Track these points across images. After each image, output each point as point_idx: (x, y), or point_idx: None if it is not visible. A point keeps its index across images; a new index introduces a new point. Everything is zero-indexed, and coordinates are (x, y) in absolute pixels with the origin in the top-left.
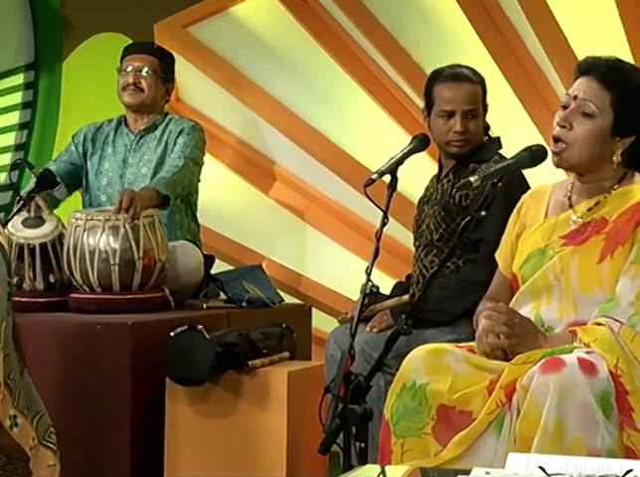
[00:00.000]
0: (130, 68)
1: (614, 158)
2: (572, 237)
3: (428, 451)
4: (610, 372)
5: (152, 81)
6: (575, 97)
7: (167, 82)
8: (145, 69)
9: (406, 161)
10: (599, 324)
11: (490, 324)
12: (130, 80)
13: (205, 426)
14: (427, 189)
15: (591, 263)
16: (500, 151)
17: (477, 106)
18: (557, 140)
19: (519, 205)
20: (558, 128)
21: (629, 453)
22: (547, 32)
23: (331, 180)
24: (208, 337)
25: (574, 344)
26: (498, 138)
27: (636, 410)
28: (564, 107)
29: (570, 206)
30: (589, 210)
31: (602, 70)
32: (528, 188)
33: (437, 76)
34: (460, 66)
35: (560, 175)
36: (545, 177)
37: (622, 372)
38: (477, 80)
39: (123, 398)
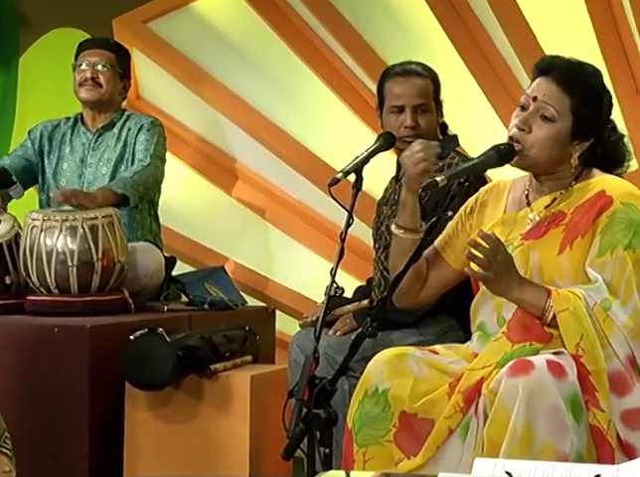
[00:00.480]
0: (87, 63)
1: (572, 161)
2: (531, 232)
3: (391, 460)
4: (572, 354)
5: (110, 77)
6: (535, 99)
7: (124, 78)
8: (102, 64)
9: (372, 160)
10: (576, 293)
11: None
12: (88, 76)
13: (165, 432)
14: (386, 190)
15: (552, 255)
16: (458, 149)
17: (428, 101)
18: (515, 141)
19: (476, 196)
20: (515, 130)
21: (596, 433)
22: (515, 30)
23: (295, 179)
24: (168, 340)
25: (546, 303)
26: (455, 136)
27: (599, 390)
28: (523, 108)
29: (528, 204)
30: (547, 207)
31: (563, 71)
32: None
33: (387, 72)
34: (411, 62)
35: (519, 171)
36: (504, 172)
37: (583, 352)
38: (427, 75)
39: (81, 403)
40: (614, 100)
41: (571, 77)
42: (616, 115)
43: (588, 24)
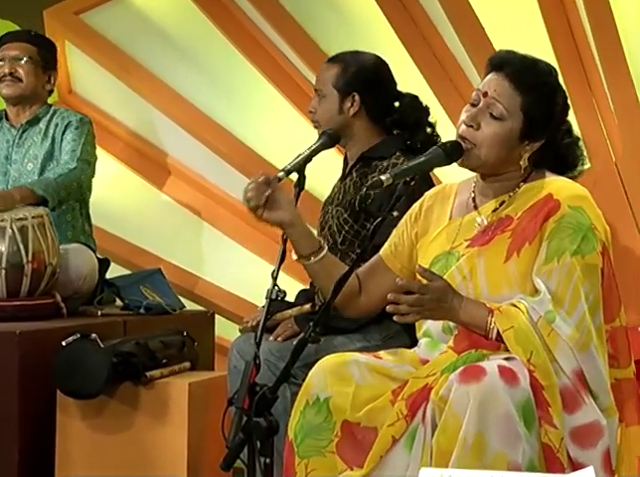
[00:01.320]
0: (5, 58)
1: (521, 162)
2: (477, 238)
3: (334, 471)
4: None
5: (30, 70)
6: (485, 94)
7: (48, 71)
8: (22, 57)
9: (316, 158)
10: (519, 308)
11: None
12: (6, 71)
13: (99, 442)
14: (333, 188)
15: (498, 263)
16: (403, 148)
17: (324, 87)
18: (462, 139)
19: (420, 202)
20: (464, 127)
21: (547, 451)
22: (465, 25)
23: (234, 178)
24: (102, 346)
25: (488, 323)
26: (401, 134)
27: (553, 406)
28: (473, 104)
29: (475, 207)
30: (494, 211)
31: (516, 68)
32: (433, 185)
33: None
34: (348, 51)
35: (466, 172)
36: (452, 172)
37: (534, 366)
38: (340, 61)
39: (10, 412)
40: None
41: (524, 74)
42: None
43: (540, 20)
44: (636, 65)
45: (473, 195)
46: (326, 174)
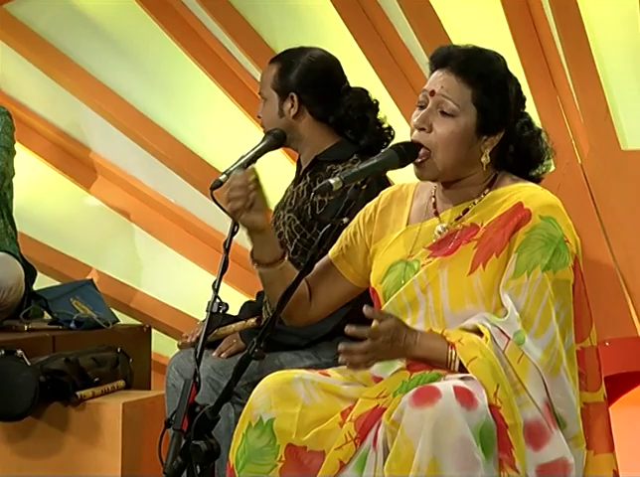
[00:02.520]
0: None
1: (483, 159)
2: (439, 247)
3: None
4: (489, 404)
5: None
6: (432, 93)
7: None
8: None
9: (263, 160)
10: (481, 332)
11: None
12: None
13: (26, 467)
14: (286, 192)
15: (462, 275)
16: (361, 151)
17: (263, 90)
18: (418, 145)
19: (375, 202)
20: (416, 132)
21: None
22: (421, 18)
23: (172, 180)
24: (29, 364)
25: (448, 357)
26: (358, 136)
27: (516, 447)
28: (422, 107)
29: (436, 213)
30: (457, 219)
31: (460, 60)
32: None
33: None
34: (288, 49)
35: None
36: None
37: (501, 402)
38: (278, 60)
39: None
40: (529, 95)
41: (470, 65)
42: (531, 110)
43: (501, 11)
44: (603, 61)
45: (434, 200)
46: (274, 178)
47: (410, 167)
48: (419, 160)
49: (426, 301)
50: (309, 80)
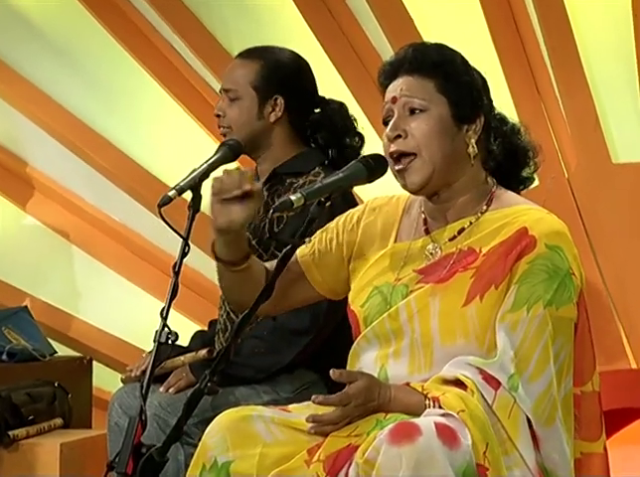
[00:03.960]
0: None
1: (470, 150)
2: (432, 271)
3: None
4: (477, 464)
5: None
6: (394, 100)
7: None
8: None
9: (215, 174)
10: (463, 383)
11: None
12: None
13: None
14: None
15: (456, 306)
16: (325, 162)
17: (238, 87)
18: (398, 157)
19: (359, 211)
20: (392, 146)
21: None
22: (391, 16)
23: (116, 196)
24: None
25: (427, 408)
26: (323, 147)
27: None
28: (388, 120)
29: (427, 231)
30: (452, 239)
31: (408, 59)
32: (355, 205)
33: None
34: (264, 46)
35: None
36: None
37: (489, 463)
38: (257, 57)
39: None
40: (510, 101)
41: (421, 59)
42: (513, 117)
43: (479, 9)
44: (592, 65)
45: (424, 216)
46: None
47: (380, 182)
48: (401, 166)
49: (412, 332)
50: (296, 84)
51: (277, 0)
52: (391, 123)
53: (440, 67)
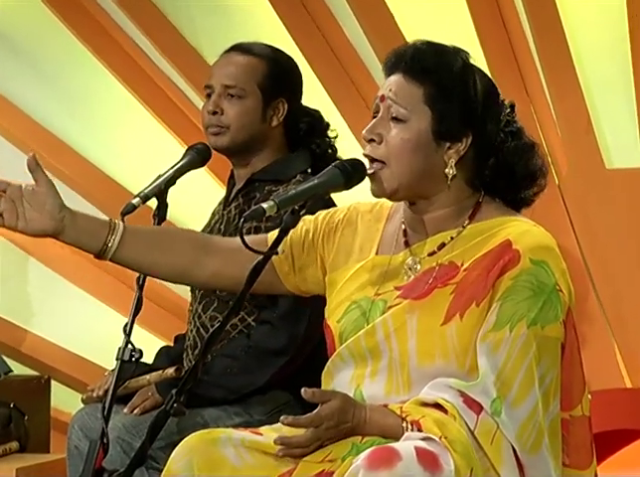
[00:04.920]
0: None
1: (447, 170)
2: (411, 288)
3: None
4: None
5: None
6: (383, 99)
7: None
8: None
9: (182, 180)
10: (443, 407)
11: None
12: None
13: None
14: (213, 215)
15: (434, 324)
16: (307, 170)
17: (244, 85)
18: (371, 160)
19: (337, 218)
20: (366, 146)
21: None
22: (371, 12)
23: (77, 204)
24: None
25: (404, 430)
26: (309, 152)
27: None
28: (375, 117)
29: (407, 244)
30: (432, 254)
31: (407, 58)
32: None
33: None
34: (264, 44)
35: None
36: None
37: None
38: (260, 54)
39: None
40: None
41: (417, 61)
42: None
43: (464, 6)
44: (584, 65)
45: (403, 226)
46: (196, 200)
47: (359, 188)
48: (371, 171)
49: (390, 351)
50: (298, 88)
51: None
52: (370, 124)
53: (433, 74)
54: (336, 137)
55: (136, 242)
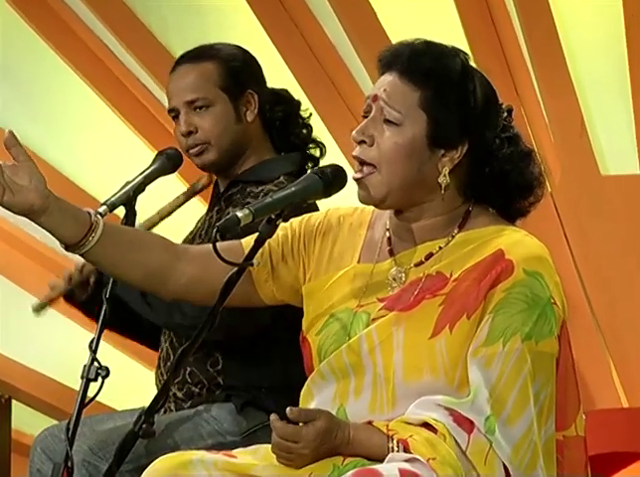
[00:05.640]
0: None
1: (440, 179)
2: (397, 299)
3: None
4: None
5: None
6: (375, 98)
7: None
8: None
9: (153, 186)
10: (432, 426)
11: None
12: None
13: None
14: (197, 222)
15: (422, 338)
16: (293, 172)
17: (205, 93)
18: (361, 163)
19: (318, 221)
20: (356, 147)
21: None
22: (352, 10)
23: None
24: None
25: (390, 451)
26: (296, 154)
27: None
28: (366, 117)
29: (391, 253)
30: (419, 264)
31: (404, 58)
32: None
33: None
34: (206, 45)
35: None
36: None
37: None
38: (213, 56)
39: None
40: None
41: (415, 62)
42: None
43: (451, 1)
44: (577, 64)
45: (388, 234)
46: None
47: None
48: (360, 175)
49: (374, 366)
50: (260, 75)
51: None
52: (361, 125)
53: (430, 79)
54: (310, 117)
55: (113, 242)
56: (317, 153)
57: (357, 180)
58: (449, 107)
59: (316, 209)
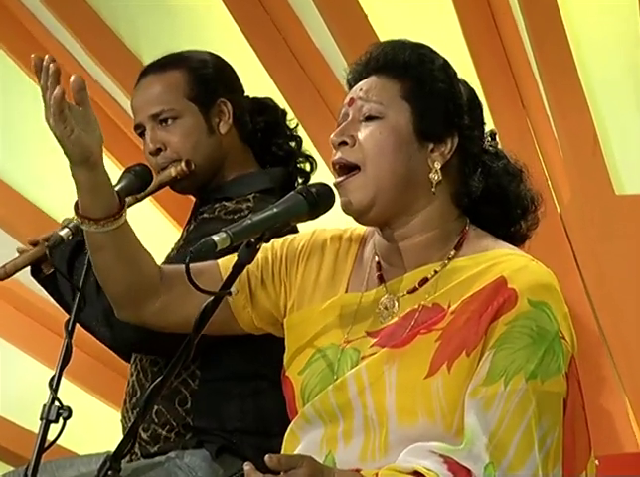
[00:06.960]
0: None
1: (432, 175)
2: (389, 333)
3: None
4: None
5: None
6: (352, 102)
7: None
8: None
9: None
10: (424, 476)
11: None
12: None
13: None
14: (178, 240)
15: (417, 377)
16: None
17: (171, 105)
18: (342, 167)
19: (302, 243)
20: (336, 152)
21: None
22: (340, 11)
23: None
24: None
25: None
26: (280, 169)
27: None
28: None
29: (381, 280)
30: (412, 292)
31: (379, 57)
32: None
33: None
34: (173, 54)
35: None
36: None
37: None
38: (177, 65)
39: None
40: (488, 117)
41: (392, 56)
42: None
43: (451, 7)
44: (590, 76)
45: (377, 259)
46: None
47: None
48: (341, 179)
49: (364, 408)
50: (234, 82)
51: None
52: (340, 127)
53: (412, 68)
54: (296, 127)
55: (124, 239)
56: (307, 167)
57: (338, 184)
58: (433, 96)
59: (295, 230)
